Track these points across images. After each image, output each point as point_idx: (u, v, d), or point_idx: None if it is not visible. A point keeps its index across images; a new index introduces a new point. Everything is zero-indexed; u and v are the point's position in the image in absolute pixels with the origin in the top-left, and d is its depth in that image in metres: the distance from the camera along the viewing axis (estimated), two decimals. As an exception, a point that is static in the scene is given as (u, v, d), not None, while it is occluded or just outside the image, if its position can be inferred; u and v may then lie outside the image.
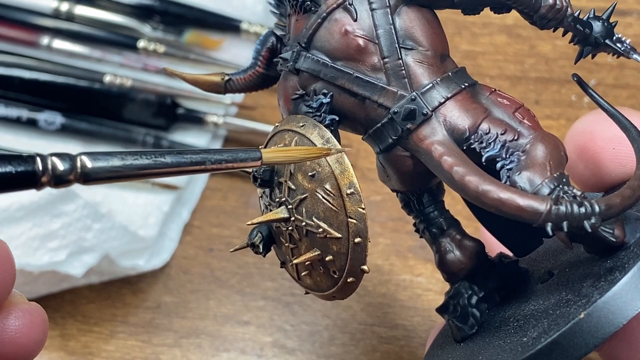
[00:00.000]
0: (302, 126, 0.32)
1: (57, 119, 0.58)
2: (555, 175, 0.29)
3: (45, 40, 0.62)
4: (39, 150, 0.57)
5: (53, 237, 0.49)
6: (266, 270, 0.54)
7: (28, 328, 0.29)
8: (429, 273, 0.52)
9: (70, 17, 0.63)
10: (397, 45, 0.32)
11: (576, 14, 0.32)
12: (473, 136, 0.31)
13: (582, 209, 0.27)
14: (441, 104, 0.31)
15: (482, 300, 0.34)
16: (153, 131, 0.58)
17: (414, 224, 0.36)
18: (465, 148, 0.31)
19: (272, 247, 0.35)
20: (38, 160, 0.25)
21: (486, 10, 0.33)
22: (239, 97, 0.61)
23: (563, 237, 0.29)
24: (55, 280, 0.51)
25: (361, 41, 0.32)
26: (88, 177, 0.26)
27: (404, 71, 0.32)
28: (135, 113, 0.59)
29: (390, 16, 0.32)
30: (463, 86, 0.32)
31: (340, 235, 0.31)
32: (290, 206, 0.32)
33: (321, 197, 0.31)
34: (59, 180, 0.25)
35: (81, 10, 0.63)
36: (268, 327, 0.52)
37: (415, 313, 0.51)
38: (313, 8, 0.33)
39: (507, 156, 0.30)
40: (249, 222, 0.32)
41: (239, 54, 0.62)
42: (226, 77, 0.37)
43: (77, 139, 0.58)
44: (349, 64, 0.32)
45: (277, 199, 0.32)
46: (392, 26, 0.32)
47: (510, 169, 0.30)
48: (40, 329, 0.30)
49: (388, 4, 0.32)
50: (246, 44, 0.62)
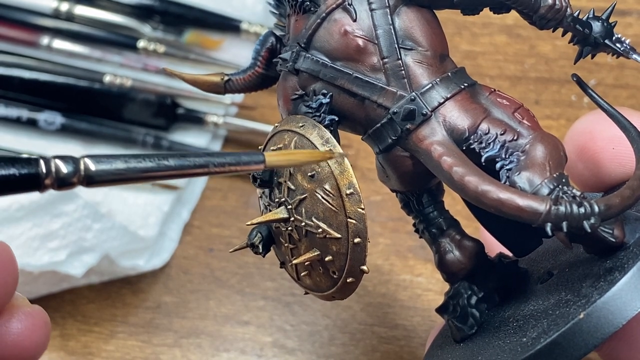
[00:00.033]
0: (302, 126, 0.32)
1: (57, 119, 0.58)
2: (554, 175, 0.29)
3: (45, 40, 0.62)
4: (39, 150, 0.58)
5: (53, 237, 0.49)
6: (266, 270, 0.54)
7: (30, 331, 0.29)
8: (429, 273, 0.52)
9: (70, 17, 0.63)
10: (397, 45, 0.32)
11: (576, 14, 0.32)
12: (472, 136, 0.31)
13: (582, 209, 0.27)
14: (440, 104, 0.31)
15: (482, 300, 0.34)
16: (153, 131, 0.58)
17: (414, 224, 0.36)
18: (464, 148, 0.31)
19: (272, 248, 0.35)
20: (41, 162, 0.25)
21: (486, 10, 0.33)
22: (239, 97, 0.61)
23: (562, 238, 0.29)
24: (55, 280, 0.51)
25: (360, 41, 0.32)
26: (91, 180, 0.26)
27: (404, 71, 0.32)
28: (135, 113, 0.59)
29: (389, 16, 0.32)
30: (462, 86, 0.32)
31: (339, 235, 0.31)
32: (289, 206, 0.32)
33: (321, 198, 0.31)
34: (63, 182, 0.25)
35: (81, 10, 0.63)
36: (268, 327, 0.52)
37: (415, 313, 0.51)
38: (312, 8, 0.33)
39: (507, 156, 0.30)
40: (249, 223, 0.32)
41: (239, 54, 0.62)
42: (226, 77, 0.37)
43: (77, 139, 0.58)
44: (349, 64, 0.32)
45: (277, 199, 0.32)
46: (392, 26, 0.32)
47: (509, 169, 0.30)
48: (42, 332, 0.30)
49: (387, 4, 0.32)
50: (246, 44, 0.62)
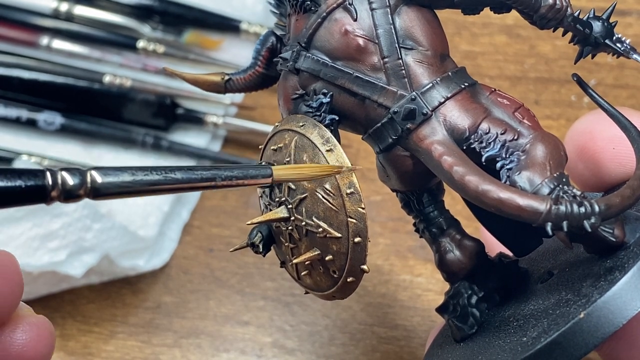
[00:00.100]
0: (302, 126, 0.32)
1: (57, 119, 0.58)
2: (555, 175, 0.29)
3: (44, 40, 0.62)
4: (39, 150, 0.58)
5: (53, 237, 0.49)
6: (266, 270, 0.54)
7: (35, 342, 0.29)
8: (429, 273, 0.52)
9: (69, 17, 0.63)
10: (397, 45, 0.32)
11: (576, 14, 0.32)
12: (473, 136, 0.31)
13: (582, 209, 0.27)
14: (441, 104, 0.31)
15: (482, 300, 0.34)
16: (153, 131, 0.58)
17: (414, 224, 0.36)
18: (465, 148, 0.31)
19: (272, 247, 0.35)
20: (48, 174, 0.25)
21: (486, 10, 0.33)
22: (239, 97, 0.61)
23: (563, 237, 0.29)
24: (55, 280, 0.51)
25: (361, 41, 0.32)
26: (98, 193, 0.25)
27: (404, 71, 0.32)
28: (134, 113, 0.59)
29: (390, 16, 0.32)
30: (463, 86, 0.32)
31: (340, 234, 0.31)
32: (290, 206, 0.32)
33: (321, 197, 0.31)
34: (69, 195, 0.25)
35: (81, 10, 0.63)
36: (268, 327, 0.52)
37: (415, 313, 0.51)
38: (313, 8, 0.33)
39: (507, 156, 0.30)
40: (249, 222, 0.32)
41: (239, 54, 0.62)
42: (226, 77, 0.37)
43: (77, 139, 0.58)
44: (349, 64, 0.32)
45: (277, 199, 0.32)
46: (392, 26, 0.32)
47: (510, 169, 0.30)
48: (47, 342, 0.29)
49: (388, 4, 0.32)
50: (246, 44, 0.62)
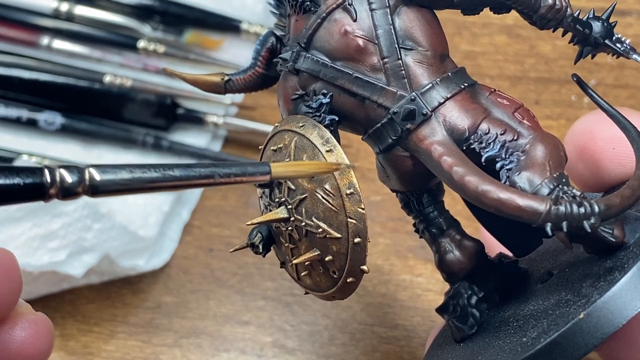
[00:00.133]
0: (302, 126, 0.32)
1: (57, 119, 0.58)
2: (554, 175, 0.29)
3: (45, 40, 0.62)
4: (39, 150, 0.58)
5: (53, 237, 0.49)
6: (266, 270, 0.54)
7: (34, 339, 0.29)
8: (429, 273, 0.52)
9: (70, 17, 0.63)
10: (397, 45, 0.32)
11: (576, 14, 0.32)
12: (472, 136, 0.31)
13: (582, 209, 0.27)
14: (441, 104, 0.31)
15: (482, 300, 0.34)
16: (153, 131, 0.58)
17: (414, 224, 0.36)
18: (464, 148, 0.31)
19: (272, 247, 0.35)
20: (46, 172, 0.25)
21: (486, 10, 0.33)
22: (239, 97, 0.61)
23: (563, 237, 0.29)
24: (55, 280, 0.51)
25: (361, 41, 0.32)
26: (96, 190, 0.25)
27: (404, 71, 0.32)
28: (135, 113, 0.59)
29: (389, 16, 0.32)
30: (462, 86, 0.32)
31: (339, 235, 0.31)
32: (289, 206, 0.32)
33: (321, 198, 0.31)
34: (67, 192, 0.25)
35: (81, 10, 0.63)
36: (268, 327, 0.52)
37: (415, 313, 0.51)
38: (313, 8, 0.33)
39: (507, 156, 0.30)
40: (249, 222, 0.32)
41: (239, 54, 0.62)
42: (226, 77, 0.37)
43: (77, 139, 0.58)
44: (349, 64, 0.32)
45: (277, 199, 0.32)
46: (392, 26, 0.32)
47: (509, 169, 0.30)
48: (46, 339, 0.29)
49: (387, 4, 0.32)
50: (246, 44, 0.62)
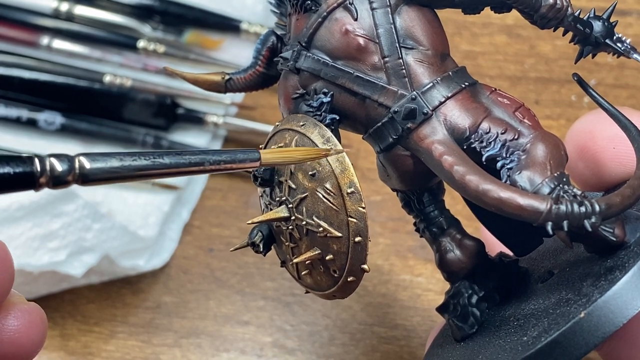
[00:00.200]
0: (303, 125, 0.32)
1: (57, 119, 0.58)
2: (555, 174, 0.29)
3: (45, 40, 0.62)
4: (39, 150, 0.58)
5: (53, 237, 0.49)
6: (266, 270, 0.54)
7: (27, 328, 0.29)
8: (429, 273, 0.52)
9: (70, 17, 0.63)
10: (398, 44, 0.32)
11: (576, 14, 0.32)
12: (473, 135, 0.31)
13: (583, 208, 0.27)
14: (441, 103, 0.31)
15: (482, 299, 0.34)
16: (153, 131, 0.58)
17: (414, 224, 0.36)
18: (465, 147, 0.31)
19: (273, 247, 0.35)
20: (36, 161, 0.25)
21: (486, 10, 0.33)
22: (239, 97, 0.61)
23: (563, 237, 0.29)
24: (55, 280, 0.51)
25: (362, 40, 0.32)
26: (86, 178, 0.26)
27: (405, 70, 0.32)
28: (135, 113, 0.59)
29: (390, 15, 0.32)
30: (463, 85, 0.32)
31: (340, 234, 0.31)
32: (290, 205, 0.32)
33: (321, 196, 0.31)
34: (58, 181, 0.25)
35: (81, 10, 0.63)
36: (268, 327, 0.52)
37: (415, 313, 0.51)
38: (313, 7, 0.33)
39: (508, 155, 0.30)
40: (249, 221, 0.32)
41: (239, 54, 0.62)
42: (226, 77, 0.37)
43: (77, 139, 0.58)
44: (350, 63, 0.32)
45: (278, 198, 0.32)
46: (393, 25, 0.32)
47: (510, 168, 0.30)
48: (39, 329, 0.30)
49: (388, 4, 0.32)
50: (246, 44, 0.62)
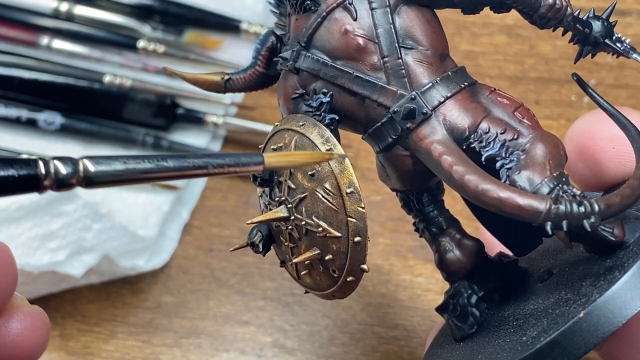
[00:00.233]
0: (302, 125, 0.32)
1: (57, 119, 0.58)
2: (554, 174, 0.29)
3: (45, 40, 0.62)
4: (39, 150, 0.58)
5: (53, 237, 0.49)
6: (266, 270, 0.54)
7: (30, 331, 0.29)
8: (429, 273, 0.52)
9: (70, 17, 0.63)
10: (397, 44, 0.32)
11: (576, 14, 0.32)
12: (473, 135, 0.31)
13: (582, 208, 0.27)
14: (441, 103, 0.31)
15: (482, 299, 0.34)
16: (153, 131, 0.58)
17: (414, 223, 0.36)
18: (464, 147, 0.31)
19: (272, 247, 0.35)
20: (40, 163, 0.25)
21: (486, 10, 0.33)
22: (239, 97, 0.61)
23: (562, 237, 0.29)
24: (55, 280, 0.51)
25: (361, 40, 0.32)
26: (90, 181, 0.25)
27: (404, 70, 0.32)
28: (135, 113, 0.59)
29: (390, 15, 0.32)
30: (463, 85, 0.32)
31: (339, 234, 0.31)
32: (289, 205, 0.32)
33: (321, 196, 0.31)
34: (61, 184, 0.25)
35: (81, 10, 0.63)
36: (268, 327, 0.52)
37: (415, 313, 0.51)
38: (313, 7, 0.33)
39: (507, 155, 0.30)
40: (249, 221, 0.32)
41: (239, 54, 0.62)
42: (226, 77, 0.37)
43: (77, 139, 0.58)
44: (349, 63, 0.32)
45: (277, 198, 0.32)
46: (392, 25, 0.32)
47: (509, 168, 0.30)
48: (41, 332, 0.30)
49: (388, 4, 0.32)
50: (246, 44, 0.62)
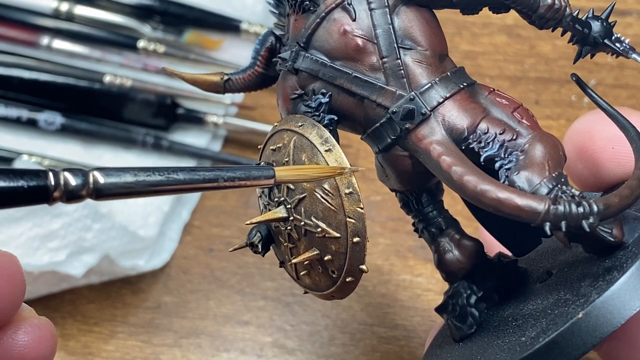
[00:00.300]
0: (301, 126, 0.32)
1: (57, 119, 0.58)
2: (553, 175, 0.29)
3: (45, 40, 0.62)
4: (39, 150, 0.58)
5: (53, 237, 0.49)
6: (266, 270, 0.54)
7: (37, 343, 0.29)
8: (429, 273, 0.52)
9: (70, 17, 0.63)
10: (396, 45, 0.32)
11: (575, 14, 0.32)
12: (472, 136, 0.31)
13: (581, 209, 0.27)
14: (440, 104, 0.31)
15: (481, 299, 0.34)
16: (153, 131, 0.58)
17: (413, 224, 0.36)
18: (463, 148, 0.31)
19: (271, 247, 0.35)
20: (50, 175, 0.25)
21: (486, 10, 0.33)
22: (239, 97, 0.61)
23: (561, 237, 0.29)
24: (55, 280, 0.51)
25: (360, 41, 0.32)
26: (100, 193, 0.25)
27: (403, 71, 0.32)
28: (135, 113, 0.59)
29: (389, 16, 0.32)
30: (462, 86, 0.32)
31: (338, 234, 0.31)
32: (289, 206, 0.32)
33: (320, 197, 0.31)
34: (71, 195, 0.25)
35: (81, 10, 0.63)
36: (268, 327, 0.52)
37: (415, 313, 0.51)
38: (312, 8, 0.33)
39: (506, 156, 0.30)
40: (248, 222, 0.32)
41: (239, 54, 0.62)
42: (225, 77, 0.37)
43: (77, 139, 0.59)
44: (348, 64, 0.32)
45: (276, 199, 0.32)
46: (391, 26, 0.32)
47: (508, 169, 0.30)
48: (48, 344, 0.29)
49: (387, 4, 0.32)
50: (246, 44, 0.62)
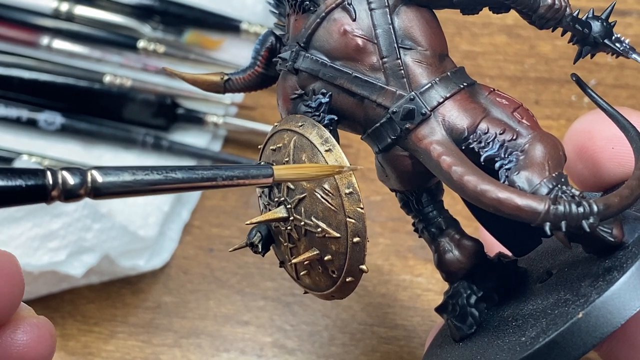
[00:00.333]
0: (301, 126, 0.32)
1: (57, 119, 0.58)
2: (553, 175, 0.29)
3: (45, 40, 0.62)
4: (39, 150, 0.57)
5: (53, 237, 0.49)
6: (266, 270, 0.54)
7: (36, 342, 0.29)
8: (429, 273, 0.52)
9: (70, 17, 0.63)
10: (396, 45, 0.32)
11: (575, 14, 0.32)
12: (472, 136, 0.31)
13: (581, 209, 0.27)
14: (440, 104, 0.31)
15: (481, 299, 0.34)
16: (153, 131, 0.58)
17: (413, 224, 0.36)
18: (463, 148, 0.31)
19: (271, 247, 0.35)
20: (48, 174, 0.25)
21: (486, 10, 0.33)
22: (239, 97, 0.61)
23: (561, 237, 0.29)
24: (55, 280, 0.51)
25: (360, 41, 0.32)
26: (98, 192, 0.25)
27: (403, 71, 0.32)
28: (135, 113, 0.59)
29: (389, 16, 0.32)
30: (462, 86, 0.32)
31: (338, 234, 0.31)
32: (289, 206, 0.32)
33: (320, 197, 0.31)
34: (69, 194, 0.25)
35: (81, 10, 0.63)
36: (268, 327, 0.52)
37: (415, 313, 0.51)
38: (312, 8, 0.33)
39: (506, 156, 0.30)
40: (248, 222, 0.32)
41: (239, 54, 0.62)
42: (225, 77, 0.37)
43: (77, 139, 0.59)
44: (348, 64, 0.32)
45: (276, 199, 0.32)
46: (391, 26, 0.32)
47: (508, 169, 0.30)
48: (47, 344, 0.29)
49: (387, 4, 0.32)
50: (246, 44, 0.62)
